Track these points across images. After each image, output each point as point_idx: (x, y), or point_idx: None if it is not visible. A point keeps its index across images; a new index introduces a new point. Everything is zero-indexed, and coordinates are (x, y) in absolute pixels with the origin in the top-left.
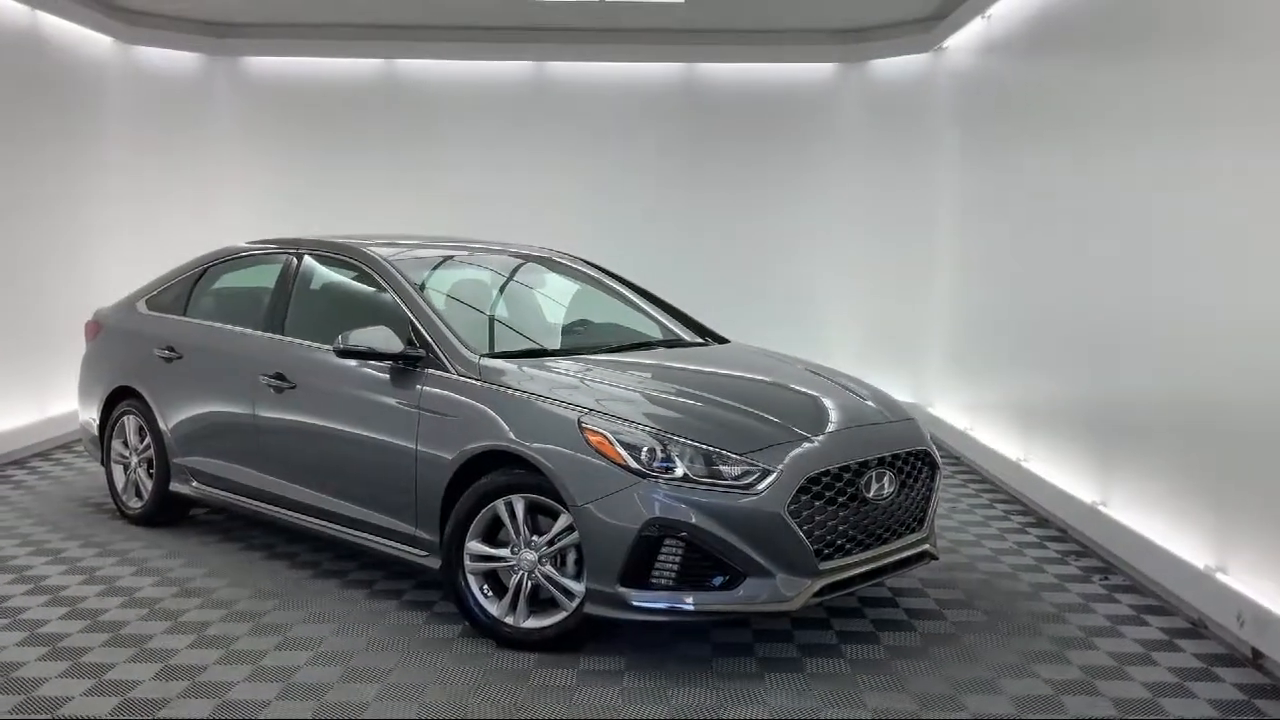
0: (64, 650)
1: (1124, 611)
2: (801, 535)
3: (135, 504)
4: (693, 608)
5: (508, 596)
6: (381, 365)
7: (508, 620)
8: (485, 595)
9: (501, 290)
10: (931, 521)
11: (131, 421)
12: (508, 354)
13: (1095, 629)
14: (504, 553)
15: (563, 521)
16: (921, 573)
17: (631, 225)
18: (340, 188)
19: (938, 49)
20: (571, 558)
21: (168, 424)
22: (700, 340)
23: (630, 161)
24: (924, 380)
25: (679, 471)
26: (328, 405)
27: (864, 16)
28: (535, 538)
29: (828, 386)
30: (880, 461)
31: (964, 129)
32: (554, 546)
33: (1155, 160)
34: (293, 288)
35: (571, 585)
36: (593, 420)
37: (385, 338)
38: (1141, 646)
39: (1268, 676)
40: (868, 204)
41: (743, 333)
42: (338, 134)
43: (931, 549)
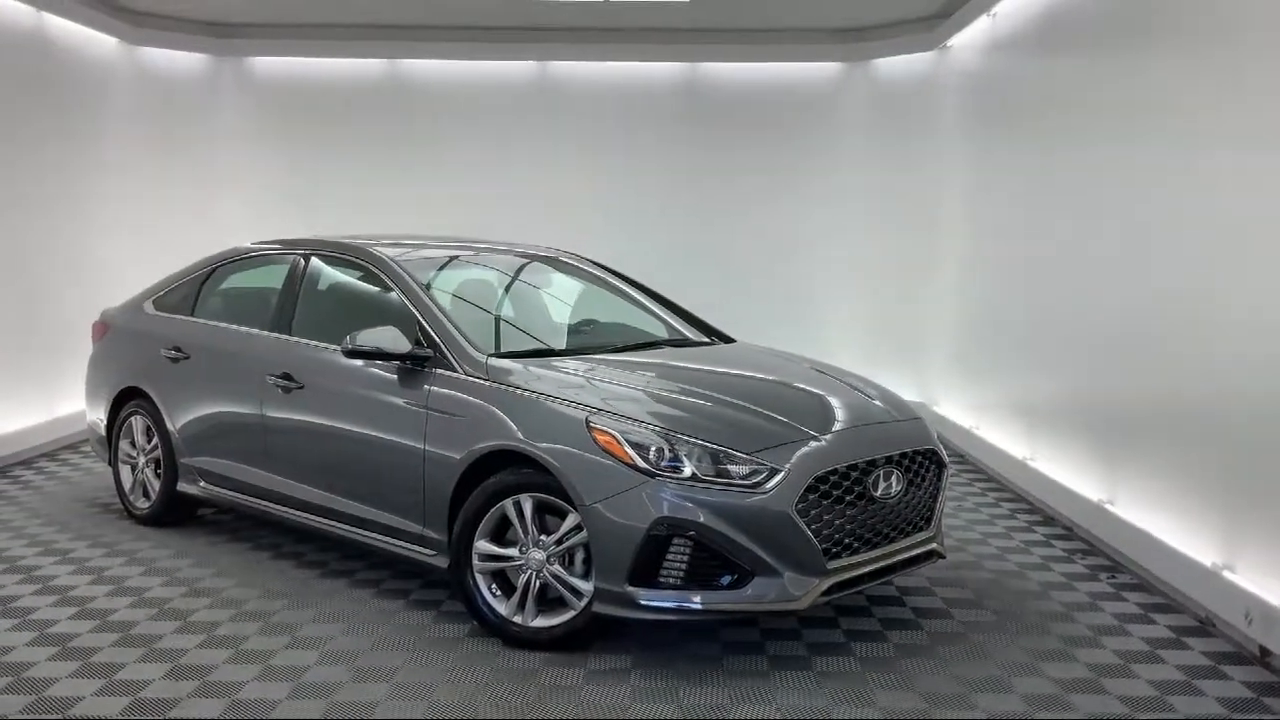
0: (74, 650)
1: (1131, 610)
2: (809, 534)
3: (143, 504)
4: (700, 606)
5: (516, 595)
6: (389, 365)
7: (516, 619)
8: (494, 594)
9: (507, 290)
10: (939, 520)
11: (139, 422)
12: (515, 354)
13: (1103, 627)
14: (512, 552)
15: (571, 521)
16: (929, 571)
17: (635, 225)
18: (345, 188)
19: (942, 48)
20: (579, 557)
21: (175, 424)
22: (706, 340)
23: (634, 161)
24: (929, 379)
25: (687, 471)
26: (335, 405)
27: (868, 15)
28: (543, 537)
29: (835, 385)
30: (888, 460)
31: (968, 128)
32: (562, 546)
33: (1161, 159)
34: (300, 288)
35: (580, 584)
36: (601, 420)
37: (393, 338)
38: (1149, 645)
39: (1276, 674)
40: (872, 203)
41: (747, 332)
42: (342, 134)
43: (939, 548)
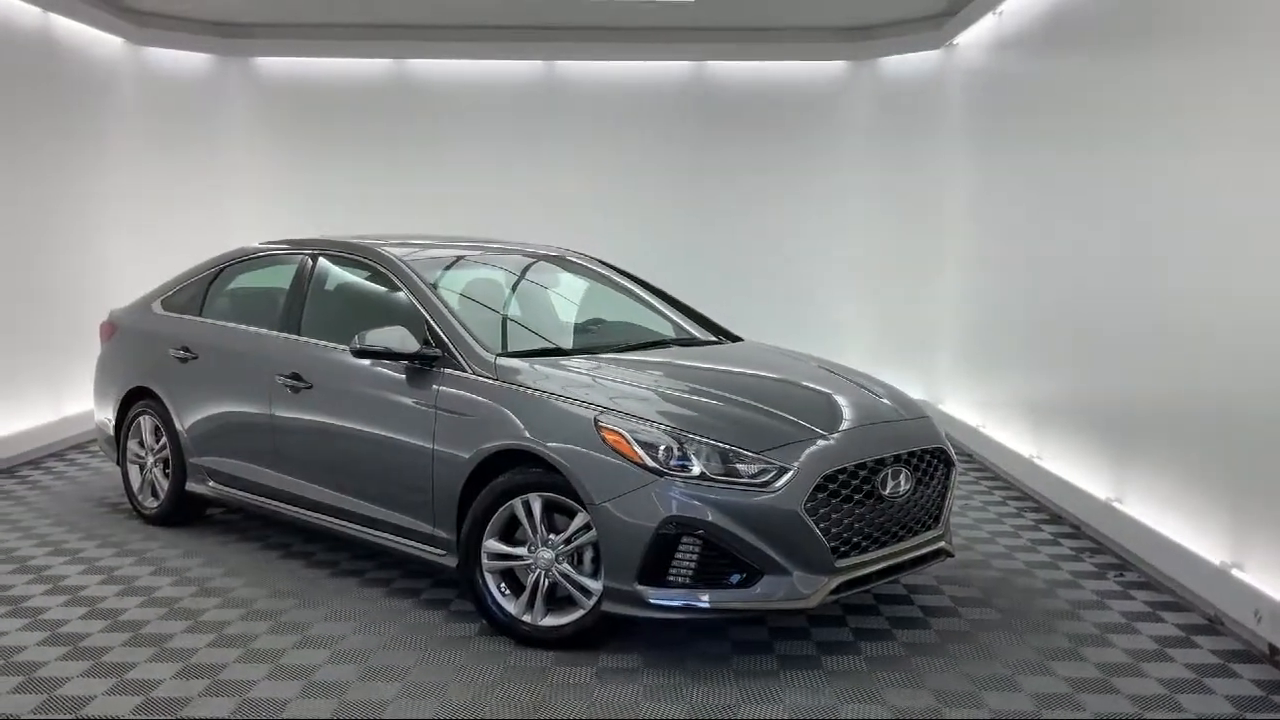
0: (85, 650)
1: (1140, 608)
2: (818, 533)
3: (152, 504)
4: (709, 605)
5: (525, 595)
6: (398, 365)
7: (525, 618)
8: (503, 593)
9: (515, 289)
10: (947, 519)
11: (147, 422)
12: (523, 353)
13: (1111, 626)
14: (521, 551)
15: (580, 520)
16: (937, 570)
17: (640, 224)
18: (350, 187)
19: (948, 46)
20: (588, 556)
21: (184, 424)
22: (714, 339)
23: (640, 160)
24: (935, 377)
25: (696, 470)
26: (344, 405)
27: (874, 14)
28: (552, 536)
29: (843, 384)
30: (896, 459)
31: (974, 126)
32: (571, 545)
33: (1167, 158)
34: (308, 288)
35: (589, 583)
36: (609, 419)
37: (401, 337)
38: (1158, 643)
39: None
40: (877, 202)
41: (753, 330)
42: (347, 134)
43: (947, 546)
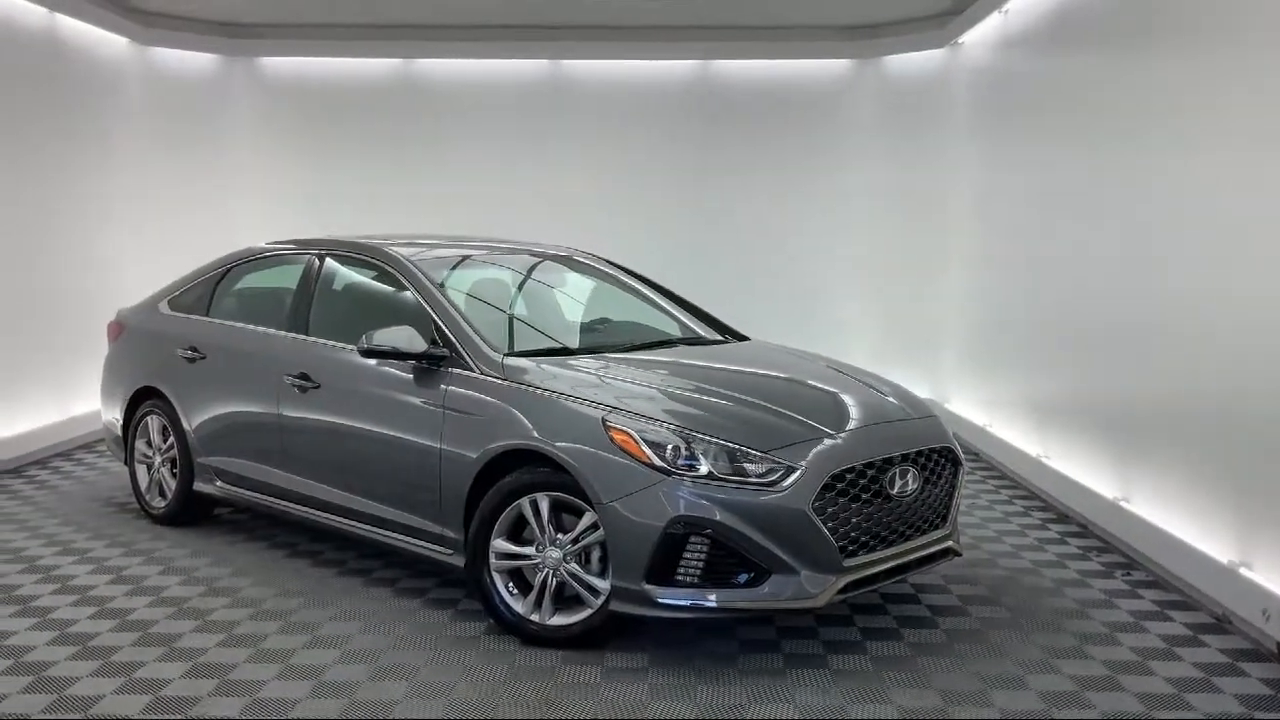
0: (94, 649)
1: (1147, 607)
2: (826, 532)
3: (159, 503)
4: (716, 605)
5: (533, 594)
6: (405, 365)
7: (533, 618)
8: (511, 593)
9: (522, 289)
10: (954, 518)
11: (155, 421)
12: (530, 353)
13: (1119, 624)
14: (529, 550)
15: (587, 519)
16: (944, 569)
17: (647, 223)
18: (356, 187)
19: (954, 44)
20: (596, 555)
21: (191, 424)
22: (720, 338)
23: (645, 159)
24: (941, 376)
25: (703, 469)
26: (352, 405)
27: (879, 12)
28: (560, 536)
29: (850, 383)
30: (904, 458)
31: (980, 125)
32: (578, 544)
33: (1174, 156)
34: (315, 288)
35: (596, 583)
36: (617, 418)
37: (409, 337)
38: (1166, 642)
39: None
40: (883, 200)
41: (758, 329)
42: (353, 133)
43: (955, 545)
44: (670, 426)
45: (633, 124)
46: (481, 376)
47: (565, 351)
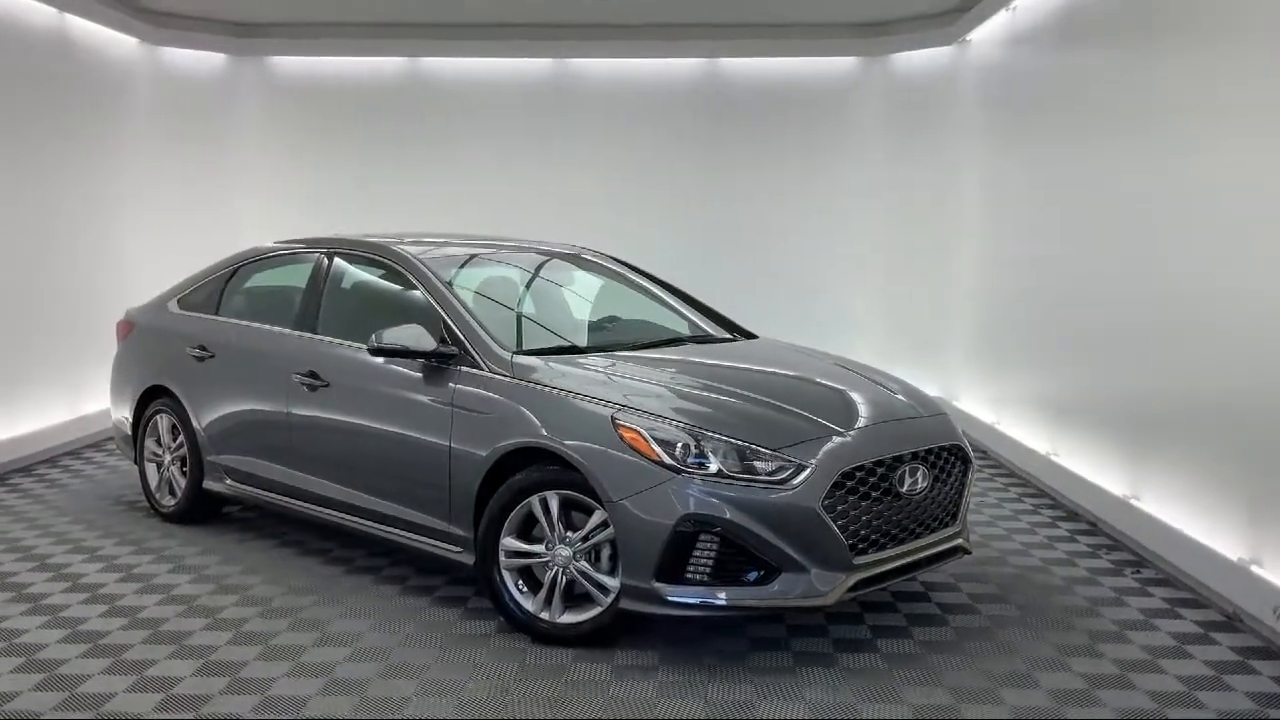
0: (104, 647)
1: (1157, 605)
2: (836, 530)
3: (169, 501)
4: (726, 603)
5: (543, 592)
6: (414, 363)
7: (543, 616)
8: (520, 591)
9: (530, 287)
10: (964, 516)
11: (164, 420)
12: (539, 351)
13: (1128, 622)
14: (539, 549)
15: (597, 517)
16: (953, 567)
17: (654, 221)
18: (364, 186)
19: (961, 42)
20: (605, 553)
21: (201, 422)
22: (729, 336)
23: (652, 158)
24: (949, 374)
25: (713, 467)
26: (361, 403)
27: (886, 10)
28: (569, 534)
29: (859, 381)
30: (914, 456)
31: (988, 123)
32: (588, 542)
33: (1183, 153)
34: (324, 287)
35: (606, 581)
36: (627, 416)
37: (418, 336)
38: (1176, 640)
39: None
40: (891, 198)
41: (766, 327)
42: (361, 132)
43: (964, 543)
44: (680, 424)
45: (639, 123)
46: (490, 375)
47: (574, 350)
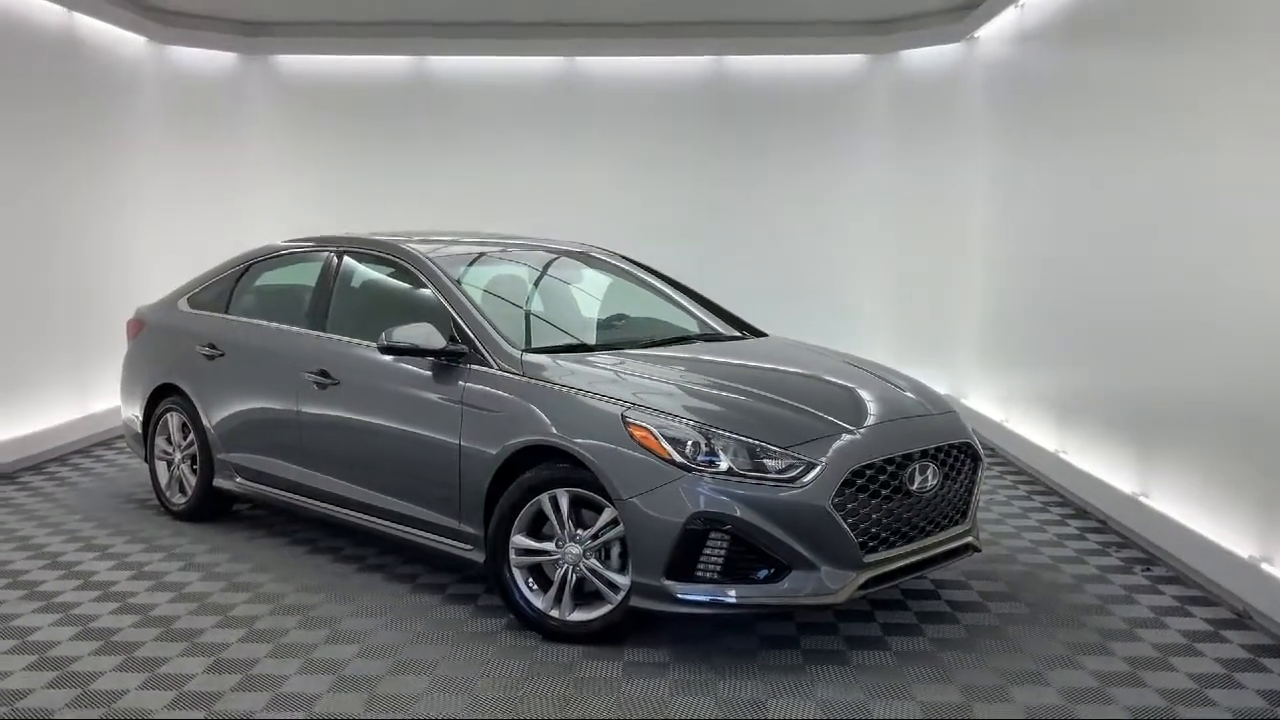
0: (116, 644)
1: (1167, 603)
2: (846, 528)
3: (179, 500)
4: (735, 600)
5: (553, 590)
6: (424, 361)
7: (553, 613)
8: (531, 589)
9: (539, 285)
10: (974, 514)
11: (175, 418)
12: (548, 349)
13: (1139, 620)
14: (548, 546)
15: (607, 515)
16: (962, 565)
17: (662, 219)
18: (371, 184)
19: (969, 39)
20: (616, 551)
21: (211, 420)
22: (738, 334)
23: (660, 156)
24: (957, 372)
25: (723, 465)
26: (371, 401)
27: (894, 7)
28: (579, 531)
29: (868, 379)
30: (924, 454)
31: (997, 120)
32: (598, 540)
33: (1194, 151)
34: (334, 285)
35: (616, 578)
36: (637, 415)
37: (427, 334)
38: (1186, 638)
39: None
40: (899, 196)
41: (773, 325)
42: (370, 131)
43: (975, 541)
44: (690, 422)
45: (647, 121)
46: (500, 373)
47: (583, 348)
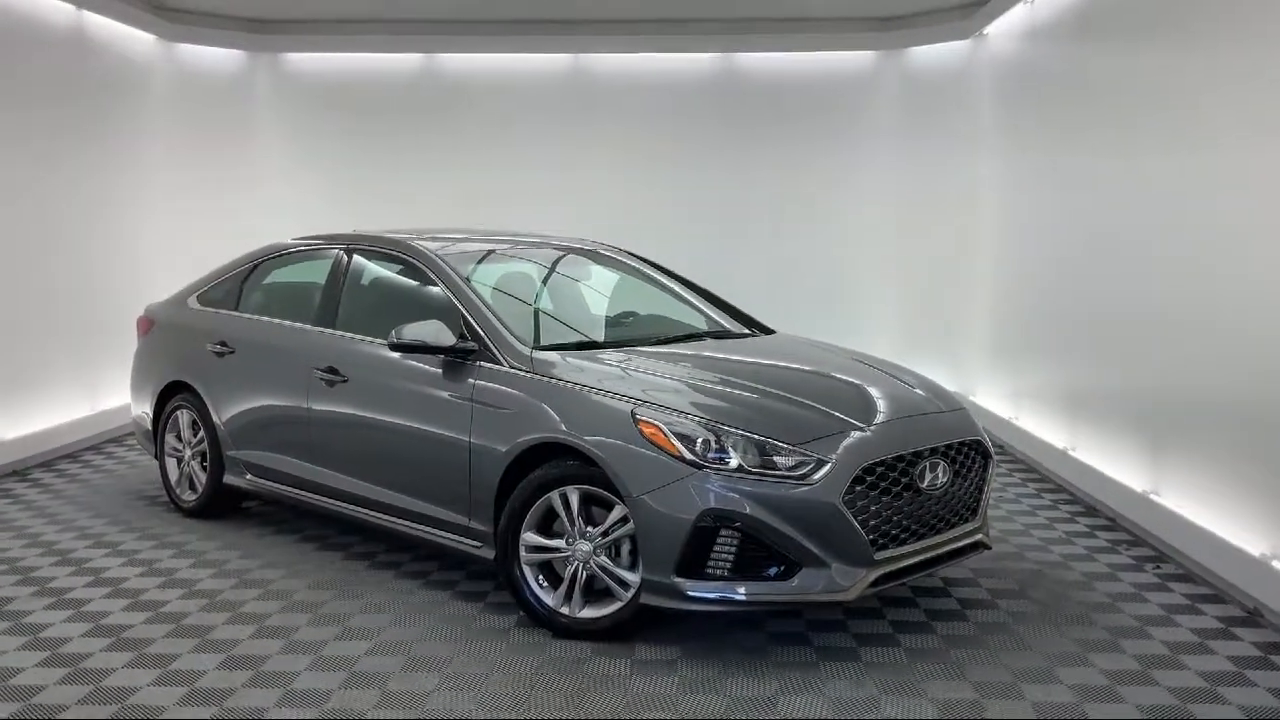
0: (128, 641)
1: (1178, 600)
2: (857, 525)
3: (189, 497)
4: (745, 598)
5: (563, 587)
6: (433, 358)
7: (563, 610)
8: (541, 586)
9: (547, 282)
10: (984, 511)
11: (185, 416)
12: (558, 346)
13: (1149, 618)
14: (559, 543)
15: (617, 513)
16: (972, 562)
17: (670, 217)
18: (380, 182)
19: (978, 35)
20: (626, 548)
21: (221, 418)
22: (747, 331)
23: (669, 153)
24: (966, 369)
25: (733, 462)
26: (381, 398)
27: (903, 3)
28: (590, 529)
29: (878, 377)
30: (934, 451)
31: (1006, 117)
32: (608, 537)
33: (1205, 148)
34: (343, 283)
35: (626, 575)
36: (646, 412)
37: (437, 331)
38: (1197, 635)
39: None
40: (908, 193)
41: (782, 322)
42: (377, 128)
43: (985, 539)
44: (700, 420)
45: (656, 117)
46: (510, 370)
47: (592, 345)
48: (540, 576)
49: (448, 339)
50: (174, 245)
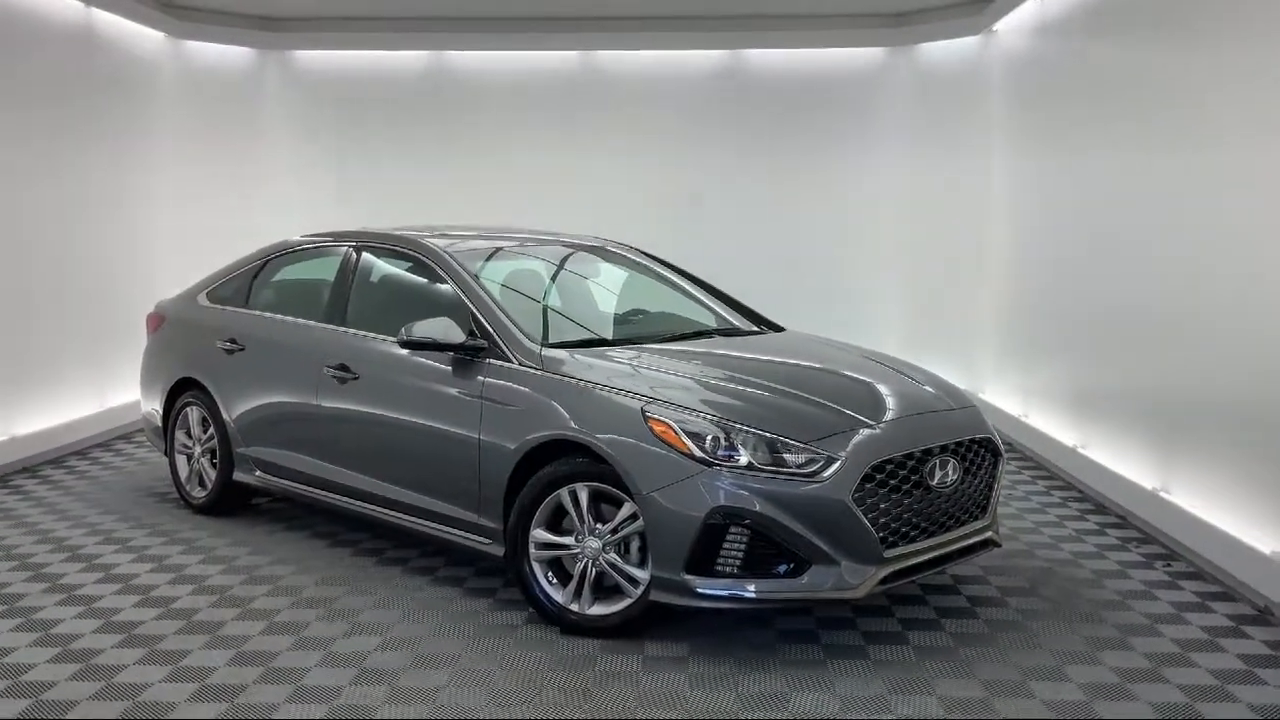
0: (139, 637)
1: (1188, 598)
2: (866, 523)
3: (199, 493)
4: (755, 595)
5: (572, 584)
6: (443, 356)
7: (573, 607)
8: (550, 582)
9: (556, 280)
10: (994, 508)
11: (194, 412)
12: (567, 343)
13: (1159, 616)
14: (568, 540)
15: (626, 510)
16: (981, 560)
17: (680, 213)
18: (389, 179)
19: (989, 31)
20: (635, 545)
21: (231, 414)
22: (756, 328)
23: (678, 149)
24: (975, 366)
25: (743, 460)
26: (390, 395)
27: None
28: (599, 526)
29: (888, 374)
30: (944, 449)
31: (1015, 114)
32: (618, 534)
33: (1216, 145)
34: (353, 280)
35: (636, 573)
36: (657, 409)
37: (446, 328)
38: (1207, 633)
39: None
40: (917, 189)
41: (792, 319)
42: (386, 125)
43: (995, 536)
44: (710, 417)
45: (664, 114)
46: (519, 367)
47: (601, 342)
48: (549, 573)
49: (457, 336)
50: (183, 242)
